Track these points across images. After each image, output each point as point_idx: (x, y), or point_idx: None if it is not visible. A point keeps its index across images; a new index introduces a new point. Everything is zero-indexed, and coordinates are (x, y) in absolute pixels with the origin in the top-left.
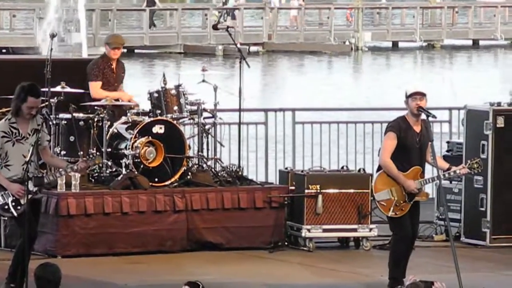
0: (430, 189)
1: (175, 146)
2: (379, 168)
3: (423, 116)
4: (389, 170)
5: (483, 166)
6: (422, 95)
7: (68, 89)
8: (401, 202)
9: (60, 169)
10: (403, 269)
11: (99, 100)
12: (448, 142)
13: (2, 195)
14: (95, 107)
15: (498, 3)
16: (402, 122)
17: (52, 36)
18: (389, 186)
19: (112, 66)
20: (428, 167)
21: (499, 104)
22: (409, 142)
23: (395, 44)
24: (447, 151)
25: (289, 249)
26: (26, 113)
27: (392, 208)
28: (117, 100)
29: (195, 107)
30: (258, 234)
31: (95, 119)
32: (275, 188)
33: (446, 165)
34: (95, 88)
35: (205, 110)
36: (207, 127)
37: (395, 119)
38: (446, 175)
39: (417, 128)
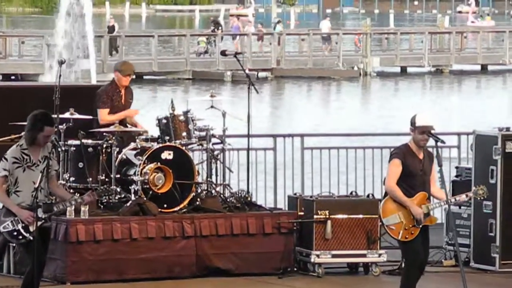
0: (439, 214)
1: (184, 172)
2: (385, 194)
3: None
4: (395, 196)
5: (490, 192)
6: (431, 130)
7: (76, 116)
8: (410, 226)
9: (65, 201)
10: None
11: (107, 126)
12: (457, 168)
13: (12, 222)
14: (104, 134)
15: (507, 29)
16: (406, 149)
17: (61, 62)
18: (396, 211)
19: (121, 93)
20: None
21: (508, 129)
22: (413, 168)
23: (403, 69)
24: (456, 176)
25: (298, 274)
26: (43, 142)
27: (401, 232)
28: (123, 124)
29: (203, 133)
30: (267, 259)
31: (104, 145)
32: (284, 213)
33: (444, 196)
34: (103, 115)
35: (213, 136)
36: (215, 153)
37: (398, 146)
38: (453, 201)
39: (421, 156)
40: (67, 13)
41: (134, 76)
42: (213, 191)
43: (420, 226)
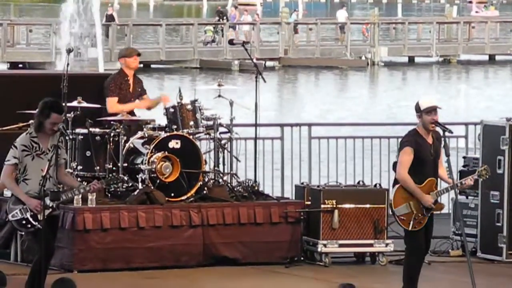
0: (446, 205)
1: (191, 161)
2: (395, 182)
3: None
4: (407, 185)
5: (497, 182)
6: (436, 109)
7: (84, 104)
8: (419, 215)
9: (74, 189)
10: (416, 282)
11: (115, 115)
12: (464, 157)
13: (20, 210)
14: (111, 122)
15: None
16: (416, 135)
17: (69, 51)
18: (407, 200)
19: (129, 82)
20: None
21: None
22: (424, 155)
23: (411, 59)
24: (464, 166)
25: (305, 264)
26: (49, 128)
27: (411, 222)
28: (132, 114)
29: (211, 122)
30: (274, 249)
31: (112, 134)
32: (291, 203)
33: (450, 181)
34: (111, 103)
35: (221, 125)
36: (223, 142)
37: (408, 133)
38: (459, 185)
39: (430, 140)
40: (74, 2)
41: (140, 64)
42: (220, 180)
43: (429, 214)
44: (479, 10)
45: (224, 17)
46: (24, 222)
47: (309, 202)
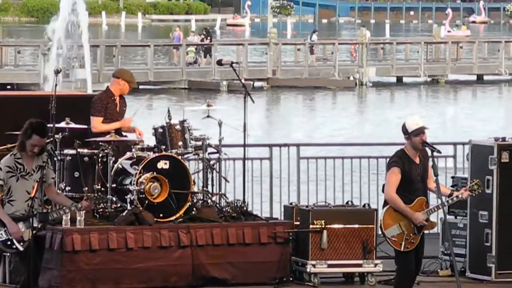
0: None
1: (180, 181)
2: (385, 203)
3: None
4: (395, 205)
5: (486, 202)
6: (424, 130)
7: (72, 125)
8: (411, 235)
9: (65, 207)
10: None
11: (99, 134)
12: (453, 177)
13: (5, 231)
14: (100, 143)
15: (502, 38)
16: (403, 156)
17: (57, 72)
18: (397, 221)
19: (116, 101)
20: (430, 196)
21: (504, 139)
22: (412, 175)
23: (399, 79)
24: (452, 186)
25: (294, 284)
26: (29, 150)
27: (403, 243)
28: (119, 133)
29: (199, 143)
30: (263, 269)
31: (100, 155)
32: (280, 223)
33: (448, 191)
34: (96, 123)
35: (209, 145)
36: (211, 162)
37: (395, 153)
38: (450, 201)
39: (417, 160)
40: (63, 22)
41: None
42: (209, 201)
43: (421, 234)
44: (451, 29)
45: (208, 37)
46: (9, 243)
47: (298, 223)
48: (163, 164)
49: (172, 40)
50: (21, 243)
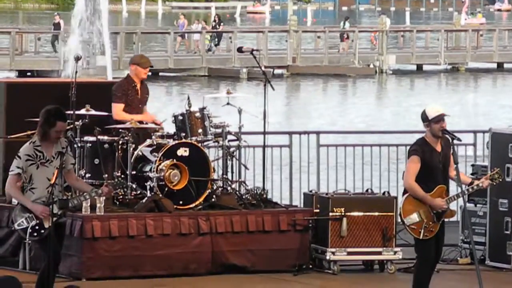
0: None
1: (200, 168)
2: (405, 191)
3: None
4: (415, 193)
5: (506, 190)
6: (444, 117)
7: (92, 112)
8: (430, 223)
9: (85, 193)
10: None
11: (120, 121)
12: (473, 165)
13: (26, 219)
14: (120, 130)
15: None
16: (424, 144)
17: (77, 59)
18: (416, 208)
19: (137, 88)
20: (451, 184)
21: None
22: (433, 163)
23: (419, 67)
24: (472, 174)
25: (314, 272)
26: (54, 137)
27: (422, 231)
28: (140, 122)
29: (219, 130)
30: (282, 257)
31: (120, 142)
32: (299, 211)
33: (468, 180)
34: (117, 110)
35: (229, 133)
36: (231, 149)
37: (415, 142)
38: (470, 190)
39: (438, 148)
40: (82, 11)
41: (148, 73)
42: (229, 188)
43: (440, 222)
44: (466, 17)
45: (221, 24)
46: (30, 230)
47: (317, 210)
48: (183, 152)
49: (189, 28)
50: (42, 231)
